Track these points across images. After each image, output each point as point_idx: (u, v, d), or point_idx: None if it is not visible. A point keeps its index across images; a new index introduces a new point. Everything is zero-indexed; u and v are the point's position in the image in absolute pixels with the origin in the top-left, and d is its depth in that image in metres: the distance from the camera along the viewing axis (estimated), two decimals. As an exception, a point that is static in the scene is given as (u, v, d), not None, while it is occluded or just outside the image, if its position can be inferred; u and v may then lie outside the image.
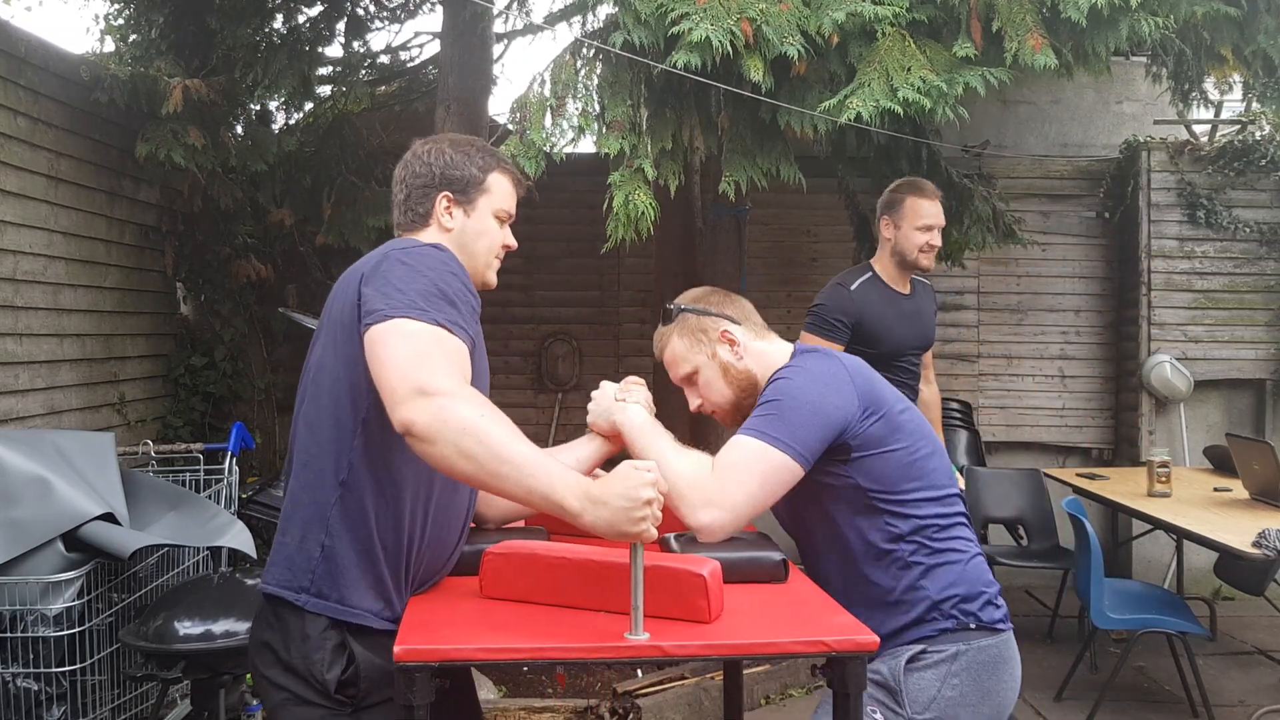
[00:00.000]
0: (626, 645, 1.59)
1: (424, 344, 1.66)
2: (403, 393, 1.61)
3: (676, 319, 2.21)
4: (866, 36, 3.91)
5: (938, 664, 2.01)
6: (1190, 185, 6.36)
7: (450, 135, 2.07)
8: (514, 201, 2.09)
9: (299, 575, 1.80)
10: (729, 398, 2.18)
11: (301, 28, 5.89)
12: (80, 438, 3.53)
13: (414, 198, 1.99)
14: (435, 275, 1.75)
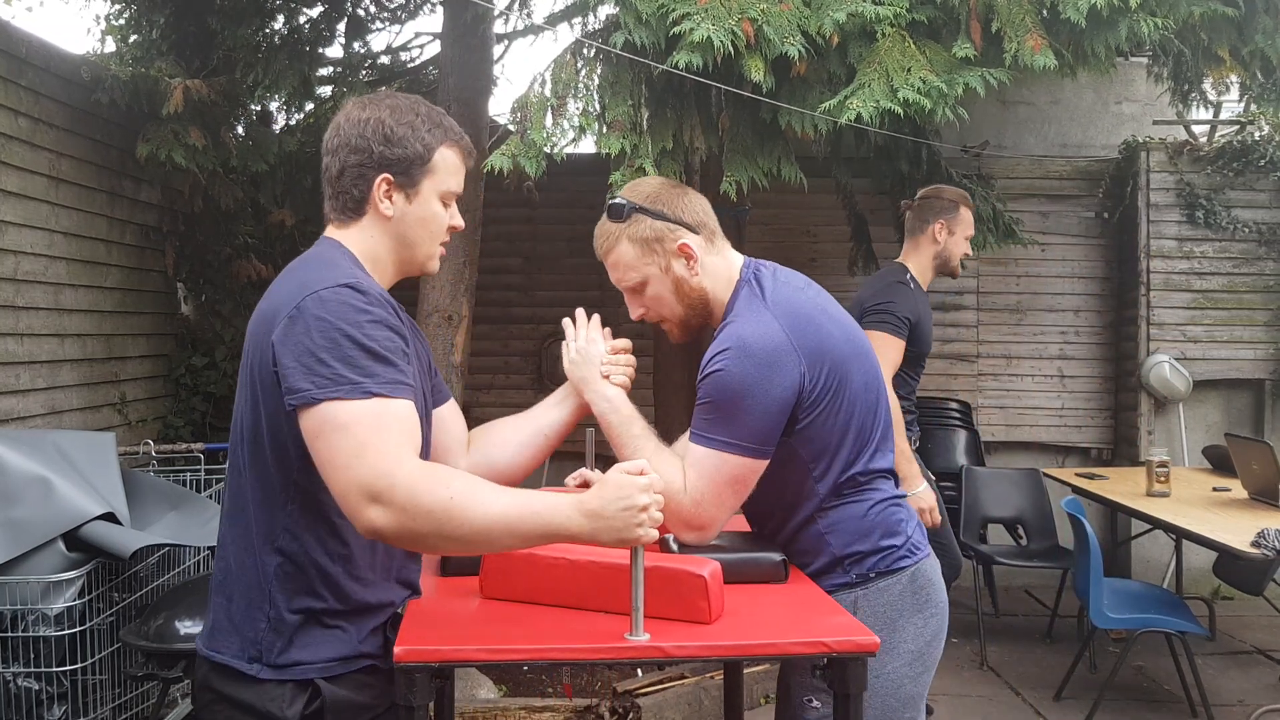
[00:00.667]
0: (627, 646, 1.60)
1: (361, 433, 1.51)
2: (353, 501, 1.50)
3: (628, 218, 1.99)
4: (867, 37, 3.91)
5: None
6: (1189, 185, 6.36)
7: (390, 98, 1.78)
8: (460, 177, 1.81)
9: (247, 646, 1.66)
10: (678, 314, 2.05)
11: (302, 28, 5.90)
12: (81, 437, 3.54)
13: (348, 177, 1.74)
14: (354, 330, 1.56)
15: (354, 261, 1.73)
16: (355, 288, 1.60)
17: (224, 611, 1.70)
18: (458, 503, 1.50)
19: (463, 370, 4.97)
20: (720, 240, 2.07)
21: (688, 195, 2.05)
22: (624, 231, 2.00)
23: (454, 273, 4.87)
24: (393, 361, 1.58)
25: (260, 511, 1.66)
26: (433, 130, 1.76)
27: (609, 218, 2.01)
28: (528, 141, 3.91)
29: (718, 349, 1.92)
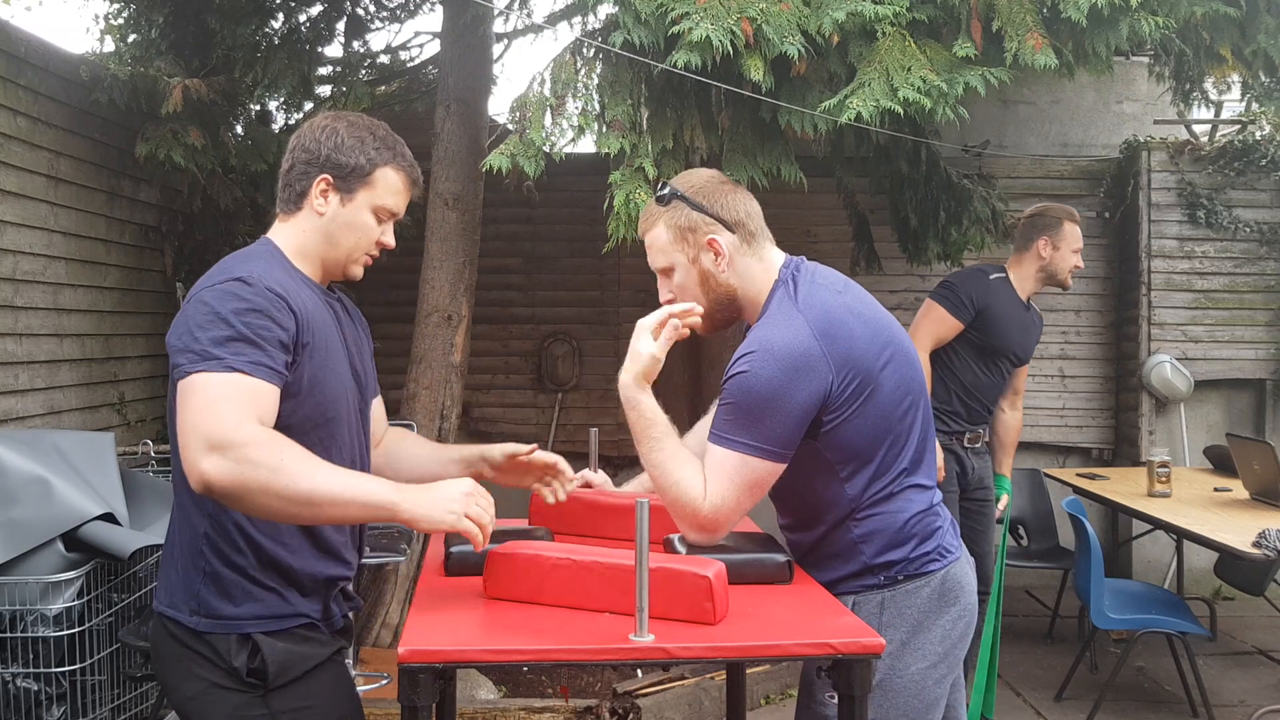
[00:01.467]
0: (631, 647, 1.59)
1: (214, 394, 1.66)
2: (192, 452, 1.63)
3: (669, 203, 2.05)
4: (867, 36, 3.90)
5: (868, 619, 1.96)
6: (1190, 185, 6.36)
7: (353, 116, 1.96)
8: (402, 201, 1.95)
9: (189, 599, 1.82)
10: (703, 306, 2.06)
11: (301, 27, 5.89)
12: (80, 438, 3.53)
13: (295, 172, 1.92)
14: (235, 316, 1.71)
15: (275, 257, 1.90)
16: (244, 280, 1.75)
17: (171, 569, 1.87)
18: (288, 465, 1.64)
19: (462, 370, 4.96)
20: (761, 242, 2.07)
21: (735, 194, 2.07)
22: (663, 215, 2.05)
23: (453, 272, 4.86)
24: (261, 346, 1.72)
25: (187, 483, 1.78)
26: (380, 150, 1.92)
27: (654, 200, 2.08)
28: (527, 141, 3.91)
29: (744, 351, 1.93)
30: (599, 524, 2.26)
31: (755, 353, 1.90)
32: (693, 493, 1.90)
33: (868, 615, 1.97)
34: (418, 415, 4.75)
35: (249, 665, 1.79)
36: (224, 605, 1.80)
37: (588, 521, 2.26)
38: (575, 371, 6.73)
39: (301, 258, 1.92)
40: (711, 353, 5.54)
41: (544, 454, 2.19)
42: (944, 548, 2.04)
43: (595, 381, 6.73)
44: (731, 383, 1.91)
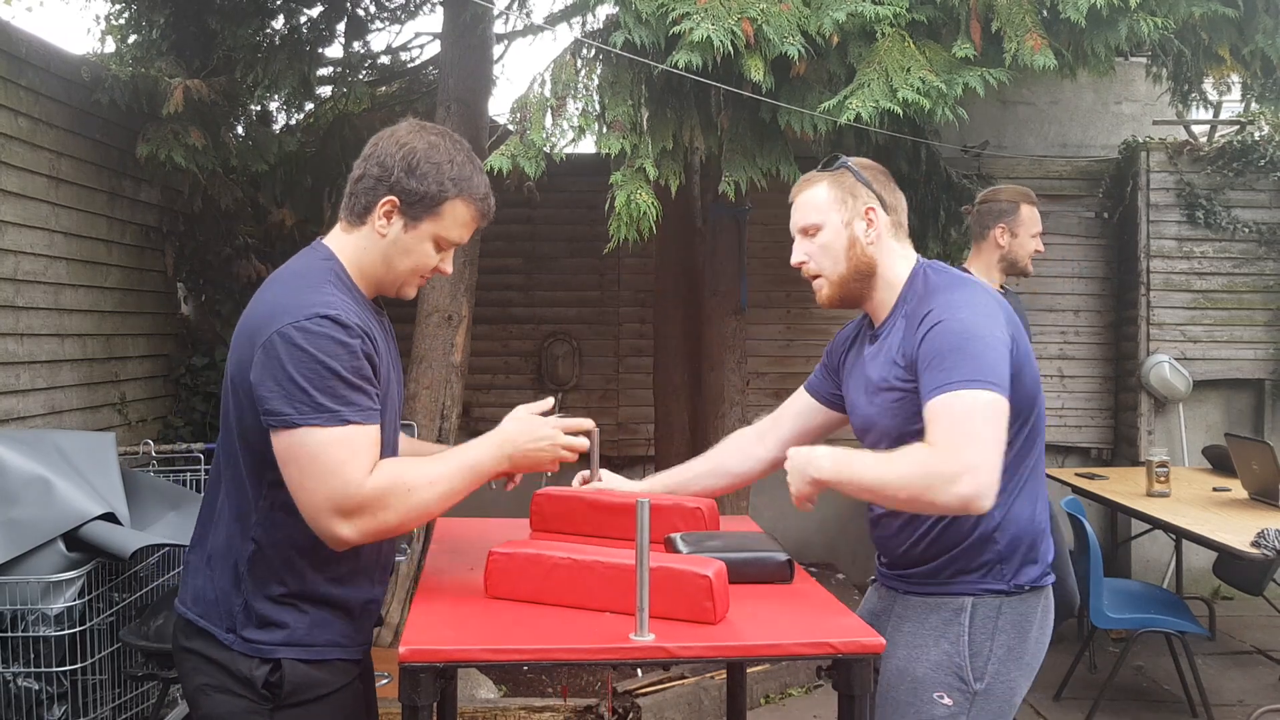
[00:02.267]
0: (632, 646, 1.60)
1: (335, 457, 1.67)
2: (324, 519, 1.68)
3: (836, 169, 2.10)
4: (866, 37, 3.91)
5: (984, 621, 1.99)
6: (1189, 185, 6.37)
7: (435, 134, 1.88)
8: (467, 232, 1.90)
9: (225, 618, 1.80)
10: (840, 273, 2.07)
11: (302, 28, 5.90)
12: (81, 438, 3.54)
13: (364, 183, 1.85)
14: (334, 361, 1.69)
15: (336, 274, 1.84)
16: (336, 320, 1.71)
17: (205, 579, 1.84)
18: (415, 494, 1.72)
19: (462, 370, 4.96)
20: (904, 237, 2.12)
21: (894, 185, 2.13)
22: (827, 177, 2.09)
23: (454, 273, 4.85)
24: (366, 391, 1.73)
25: (240, 502, 1.81)
26: (455, 181, 1.84)
27: (821, 167, 2.12)
28: (527, 142, 3.91)
29: (929, 307, 1.96)
30: (600, 524, 2.26)
31: (945, 301, 1.95)
32: (921, 455, 1.83)
33: (983, 619, 1.99)
34: (418, 415, 4.76)
35: (267, 678, 1.77)
36: (260, 631, 1.78)
37: (589, 521, 2.26)
38: (575, 371, 6.73)
39: (359, 274, 1.88)
40: (712, 353, 5.55)
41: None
42: (1049, 566, 2.08)
43: (595, 381, 6.74)
44: (931, 336, 1.91)
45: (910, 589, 2.09)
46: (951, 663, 1.98)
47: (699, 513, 2.23)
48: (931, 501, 1.81)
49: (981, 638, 1.99)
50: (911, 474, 1.82)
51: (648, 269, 6.41)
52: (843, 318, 6.62)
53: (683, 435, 5.94)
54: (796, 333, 6.70)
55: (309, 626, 1.80)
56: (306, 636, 1.80)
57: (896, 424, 2.00)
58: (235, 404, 1.78)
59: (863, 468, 1.89)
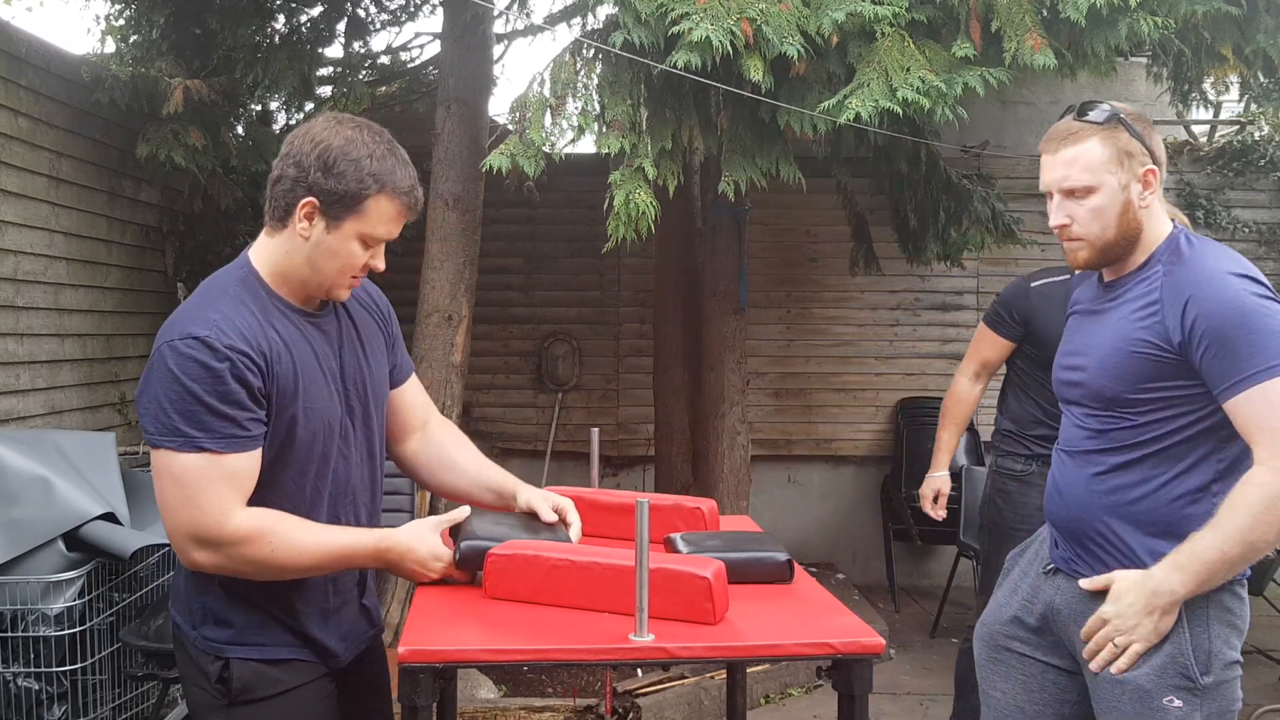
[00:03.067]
0: (631, 647, 1.60)
1: (191, 485, 1.68)
2: (180, 542, 1.72)
3: (1107, 123, 1.90)
4: (866, 37, 3.91)
5: (1199, 611, 1.90)
6: (1189, 186, 6.37)
7: (351, 128, 1.79)
8: (395, 228, 1.82)
9: (186, 612, 1.87)
10: (1108, 237, 1.92)
11: (302, 28, 5.90)
12: (81, 438, 3.54)
13: (282, 184, 1.79)
14: (193, 381, 1.67)
15: (247, 287, 1.82)
16: (204, 342, 1.68)
17: (180, 576, 1.91)
18: (277, 554, 1.72)
19: (462, 370, 4.96)
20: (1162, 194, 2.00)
21: (1157, 134, 1.97)
22: (1099, 132, 1.90)
23: (454, 272, 4.87)
24: (231, 417, 1.69)
25: None
26: (376, 176, 1.75)
27: (1083, 116, 1.93)
28: (527, 141, 3.91)
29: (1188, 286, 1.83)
30: (600, 524, 2.26)
31: (1229, 276, 1.81)
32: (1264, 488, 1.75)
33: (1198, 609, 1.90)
34: (418, 415, 4.75)
35: (220, 674, 1.81)
36: (213, 629, 1.83)
37: (589, 521, 2.26)
38: (575, 371, 6.73)
39: (282, 281, 1.84)
40: (712, 353, 5.55)
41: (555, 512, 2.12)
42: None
43: (595, 381, 6.74)
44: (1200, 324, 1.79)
45: None
46: (1176, 664, 1.89)
47: (699, 513, 2.23)
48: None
49: (1199, 629, 1.90)
50: (1260, 509, 1.75)
51: (648, 269, 6.41)
52: (843, 318, 6.64)
53: (683, 435, 5.94)
54: (796, 333, 6.70)
55: (259, 626, 1.83)
56: (256, 636, 1.83)
57: (1123, 387, 1.89)
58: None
59: (1215, 546, 1.79)
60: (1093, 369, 1.96)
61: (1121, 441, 1.93)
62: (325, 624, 1.90)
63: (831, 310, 6.68)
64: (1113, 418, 1.94)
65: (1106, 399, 1.93)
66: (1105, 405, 1.94)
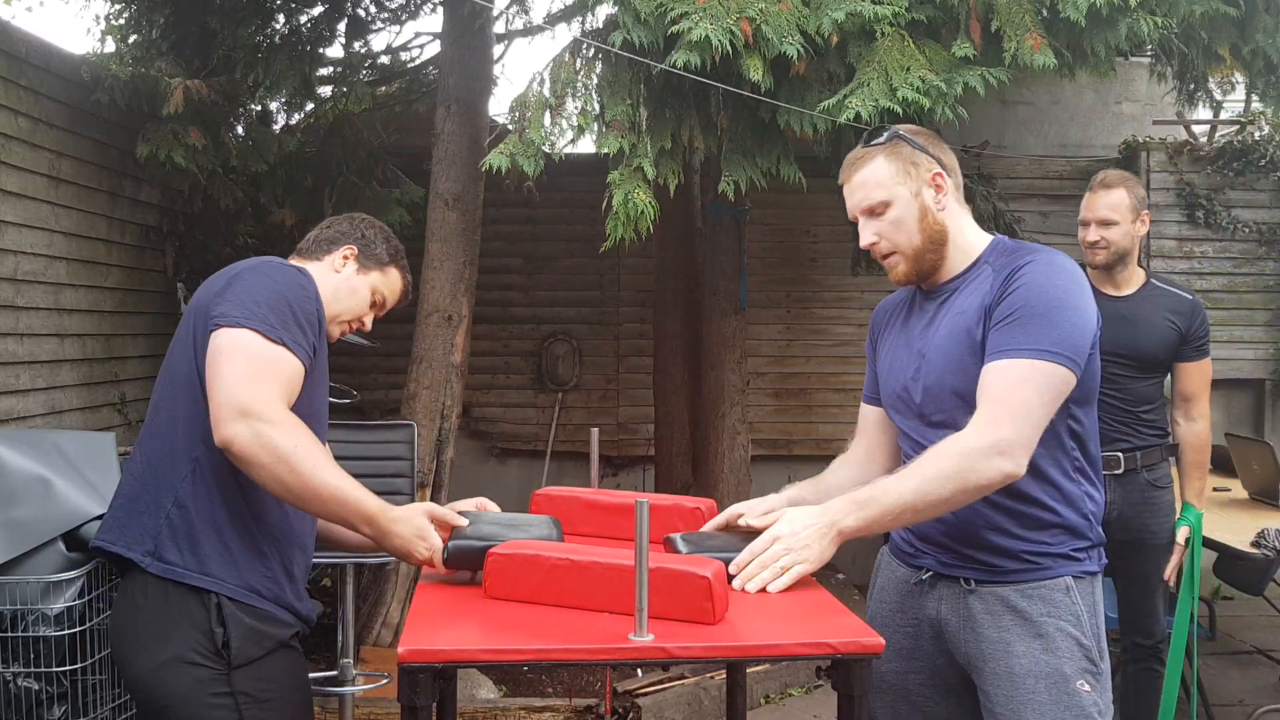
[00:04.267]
0: (631, 647, 1.60)
1: (261, 366, 1.81)
2: (226, 412, 1.77)
3: (889, 142, 2.00)
4: (866, 36, 3.91)
5: (1085, 597, 1.91)
6: (1189, 185, 6.37)
7: (387, 231, 2.26)
8: (393, 300, 2.24)
9: (142, 539, 1.89)
10: (915, 245, 1.98)
11: (302, 28, 5.90)
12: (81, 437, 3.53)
13: (332, 231, 2.19)
14: (290, 293, 1.91)
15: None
16: (302, 271, 2.00)
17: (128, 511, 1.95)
18: (299, 453, 1.77)
19: (462, 370, 4.97)
20: (963, 200, 2.05)
21: (946, 146, 2.05)
22: (882, 150, 1.99)
23: (454, 273, 4.87)
24: (305, 331, 1.90)
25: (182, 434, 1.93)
26: (396, 256, 2.23)
27: (867, 143, 2.02)
28: (526, 141, 3.91)
29: (1016, 266, 1.88)
30: (600, 524, 2.26)
31: (1032, 263, 1.87)
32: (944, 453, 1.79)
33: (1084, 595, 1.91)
34: (418, 415, 4.76)
35: (224, 638, 1.85)
36: (188, 555, 1.87)
37: (589, 521, 2.26)
38: (575, 371, 6.73)
39: None
40: (712, 353, 5.55)
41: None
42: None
43: (595, 381, 6.74)
44: (1010, 297, 1.84)
45: (988, 579, 1.95)
46: (1081, 646, 1.90)
47: (699, 513, 2.22)
48: (976, 484, 1.78)
49: (1088, 615, 1.92)
50: (951, 464, 1.78)
51: (648, 269, 6.42)
52: (843, 318, 6.64)
53: (683, 435, 5.94)
54: (796, 333, 6.70)
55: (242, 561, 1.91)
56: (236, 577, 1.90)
57: (966, 380, 1.89)
58: (192, 346, 1.93)
59: (896, 489, 1.81)
60: (937, 371, 1.95)
61: None
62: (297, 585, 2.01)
63: (831, 310, 6.69)
64: (944, 429, 1.91)
65: (955, 394, 1.92)
66: (951, 407, 1.92)
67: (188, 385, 1.95)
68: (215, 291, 1.95)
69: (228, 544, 1.89)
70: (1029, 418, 1.79)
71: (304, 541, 2.05)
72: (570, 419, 6.64)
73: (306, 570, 2.07)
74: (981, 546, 1.95)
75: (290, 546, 2.00)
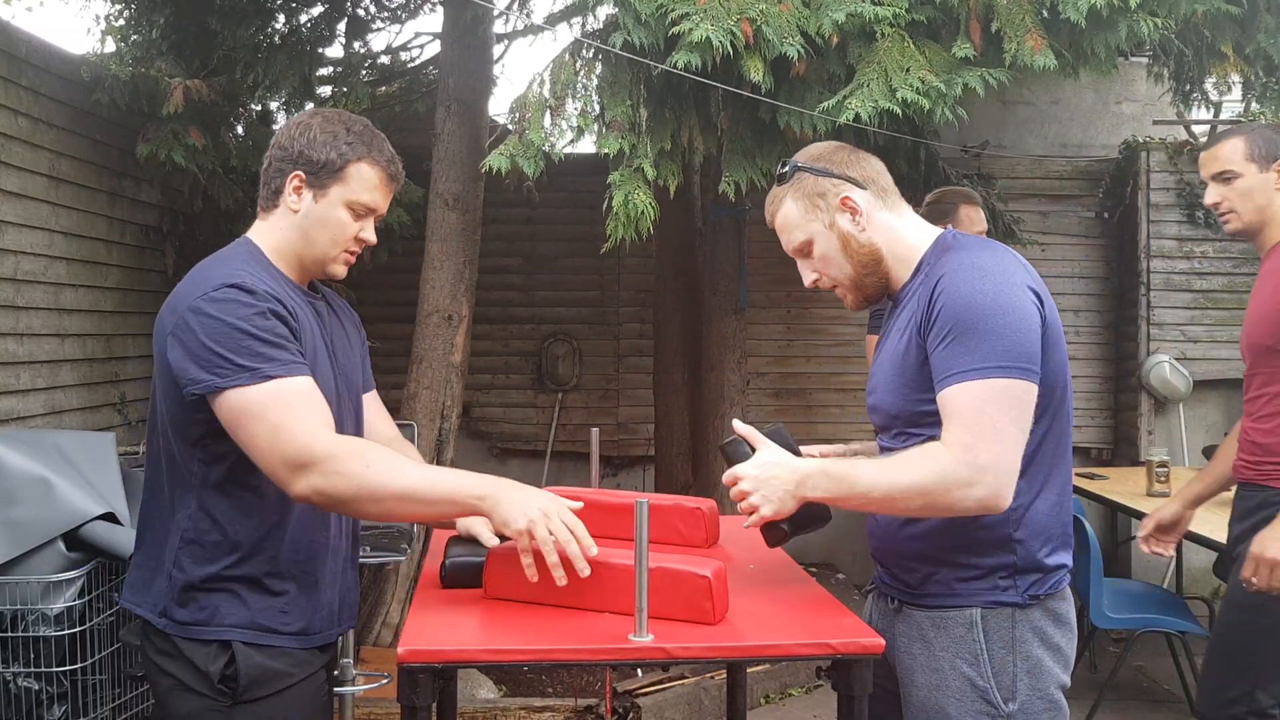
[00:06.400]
0: (631, 647, 1.60)
1: (274, 415, 1.69)
2: (283, 475, 1.69)
3: (792, 178, 1.91)
4: (866, 37, 3.91)
5: (1000, 634, 1.79)
6: (1189, 185, 6.36)
7: (330, 112, 1.95)
8: (380, 196, 1.92)
9: (157, 600, 1.83)
10: (849, 274, 1.90)
11: (302, 28, 5.90)
12: (81, 437, 3.53)
13: (271, 169, 1.92)
14: (243, 323, 1.72)
15: (256, 257, 1.88)
16: (240, 286, 1.76)
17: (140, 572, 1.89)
18: (374, 470, 1.69)
19: (462, 370, 4.97)
20: (897, 201, 1.92)
21: (856, 154, 1.93)
22: (788, 191, 1.92)
23: (454, 272, 4.87)
24: (284, 346, 1.74)
25: (171, 486, 1.83)
26: (354, 144, 1.89)
27: (775, 183, 1.96)
28: (526, 141, 3.91)
29: (944, 270, 1.77)
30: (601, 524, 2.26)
31: (953, 273, 1.75)
32: (935, 461, 1.69)
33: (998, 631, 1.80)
34: (418, 415, 4.76)
35: (223, 672, 1.78)
36: (195, 612, 1.80)
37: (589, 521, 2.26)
38: (575, 371, 6.73)
39: (279, 257, 1.90)
40: (711, 353, 5.55)
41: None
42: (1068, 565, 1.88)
43: (595, 381, 6.74)
44: (941, 315, 1.73)
45: (909, 600, 1.89)
46: (975, 687, 1.79)
47: (699, 513, 2.22)
48: (948, 507, 1.70)
49: (1001, 653, 1.79)
50: (924, 481, 1.69)
51: (648, 269, 6.41)
52: (843, 318, 6.64)
53: (683, 435, 5.94)
54: (796, 333, 6.70)
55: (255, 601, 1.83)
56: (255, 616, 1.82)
57: (904, 401, 1.83)
58: (164, 390, 1.83)
59: (868, 481, 1.74)
60: (880, 389, 1.90)
61: None
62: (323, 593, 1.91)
63: (831, 310, 6.68)
64: (905, 439, 1.85)
65: (892, 416, 1.87)
66: (898, 426, 1.86)
67: (164, 434, 1.87)
68: (164, 341, 1.82)
69: (235, 590, 1.81)
70: (1001, 441, 1.68)
71: (334, 543, 1.94)
72: (570, 419, 6.64)
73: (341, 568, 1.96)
74: (901, 564, 1.90)
75: (314, 559, 1.90)
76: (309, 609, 1.88)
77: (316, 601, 1.89)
